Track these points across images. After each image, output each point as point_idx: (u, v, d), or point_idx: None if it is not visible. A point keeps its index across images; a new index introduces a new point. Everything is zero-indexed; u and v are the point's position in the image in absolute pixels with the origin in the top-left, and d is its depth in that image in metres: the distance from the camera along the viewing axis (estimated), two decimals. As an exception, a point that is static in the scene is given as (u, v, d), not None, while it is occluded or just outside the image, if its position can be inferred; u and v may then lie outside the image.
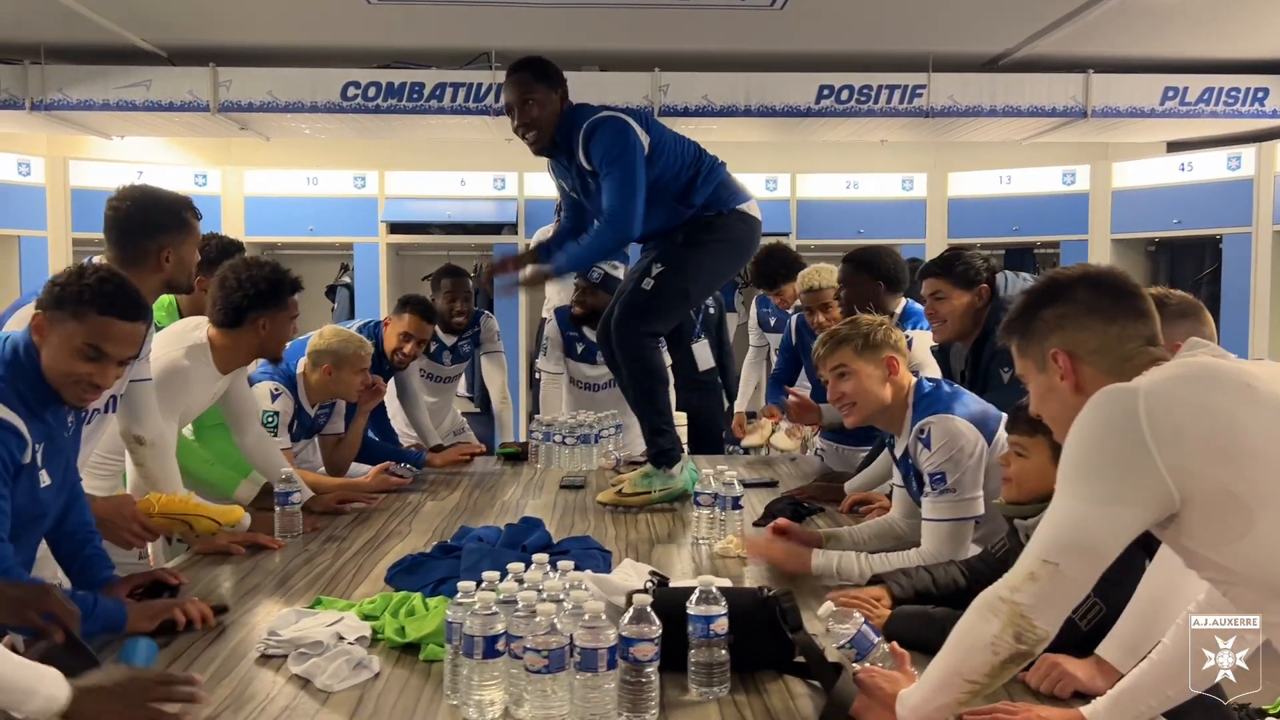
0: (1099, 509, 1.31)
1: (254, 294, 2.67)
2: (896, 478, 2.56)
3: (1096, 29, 4.75)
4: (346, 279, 6.80)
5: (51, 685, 1.42)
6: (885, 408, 2.41)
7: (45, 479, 1.89)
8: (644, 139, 3.00)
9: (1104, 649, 1.63)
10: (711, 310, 4.63)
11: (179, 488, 2.49)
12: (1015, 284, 3.16)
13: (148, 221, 2.36)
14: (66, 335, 1.85)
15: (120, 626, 1.85)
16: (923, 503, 2.32)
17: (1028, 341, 1.52)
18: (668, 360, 3.83)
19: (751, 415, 4.24)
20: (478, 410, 6.08)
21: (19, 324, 2.36)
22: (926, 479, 2.29)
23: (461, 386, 5.00)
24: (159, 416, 2.47)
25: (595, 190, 3.06)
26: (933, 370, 2.98)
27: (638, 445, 4.24)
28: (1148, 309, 1.49)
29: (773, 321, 4.52)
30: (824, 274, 3.65)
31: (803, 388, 4.02)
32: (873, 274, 3.33)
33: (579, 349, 4.21)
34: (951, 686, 1.38)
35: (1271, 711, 3.15)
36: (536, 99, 3.01)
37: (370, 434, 3.70)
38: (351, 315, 6.34)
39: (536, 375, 4.78)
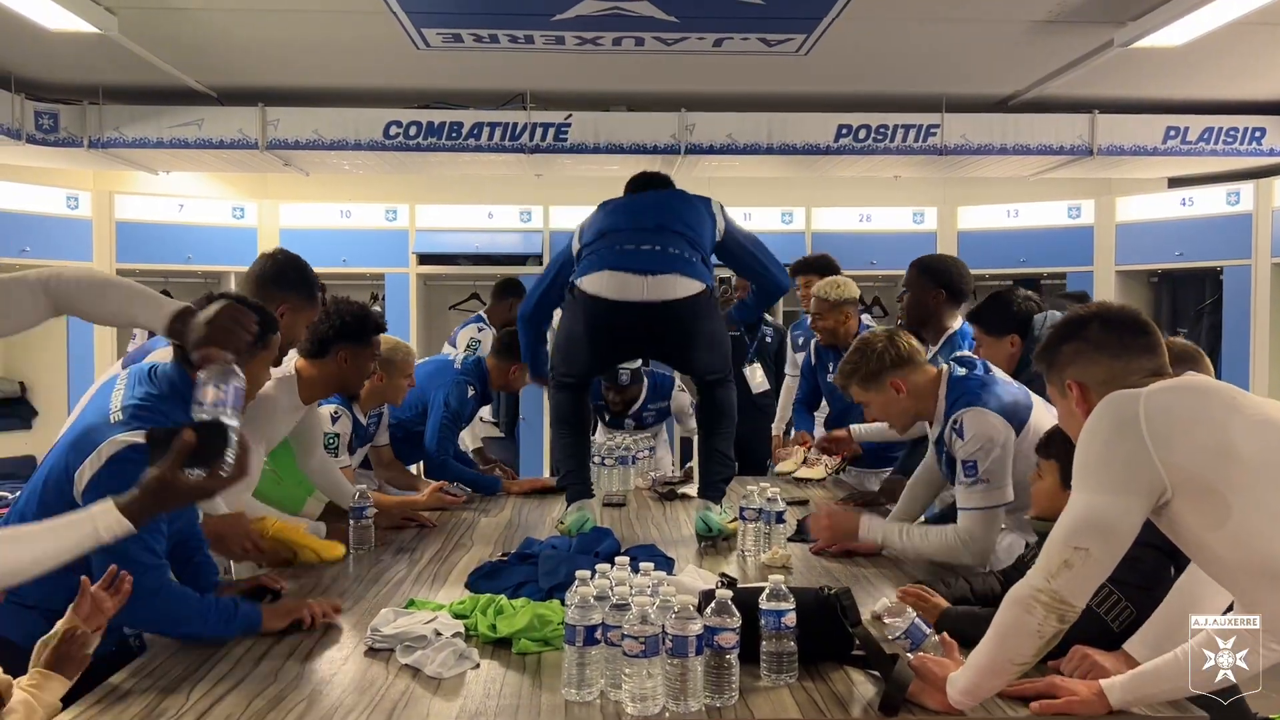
0: (1111, 498, 1.52)
1: (340, 325, 2.90)
2: (930, 459, 2.83)
3: (1102, 73, 4.90)
4: (377, 308, 7.00)
5: (102, 518, 1.53)
6: (917, 410, 2.68)
7: None
8: (584, 225, 3.22)
9: (1131, 645, 1.81)
10: (769, 339, 4.86)
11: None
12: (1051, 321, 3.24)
13: (279, 278, 2.58)
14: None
15: (257, 628, 2.02)
16: (958, 490, 2.56)
17: (1051, 371, 1.77)
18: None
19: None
20: (502, 435, 6.30)
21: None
22: (960, 466, 2.53)
23: (486, 412, 5.22)
24: None
25: None
26: None
27: (666, 465, 4.46)
28: (1155, 343, 1.69)
29: (801, 341, 4.68)
30: (842, 288, 3.84)
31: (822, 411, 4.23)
32: (935, 281, 3.41)
33: (606, 417, 4.46)
34: (1002, 670, 1.60)
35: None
36: None
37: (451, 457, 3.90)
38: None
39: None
